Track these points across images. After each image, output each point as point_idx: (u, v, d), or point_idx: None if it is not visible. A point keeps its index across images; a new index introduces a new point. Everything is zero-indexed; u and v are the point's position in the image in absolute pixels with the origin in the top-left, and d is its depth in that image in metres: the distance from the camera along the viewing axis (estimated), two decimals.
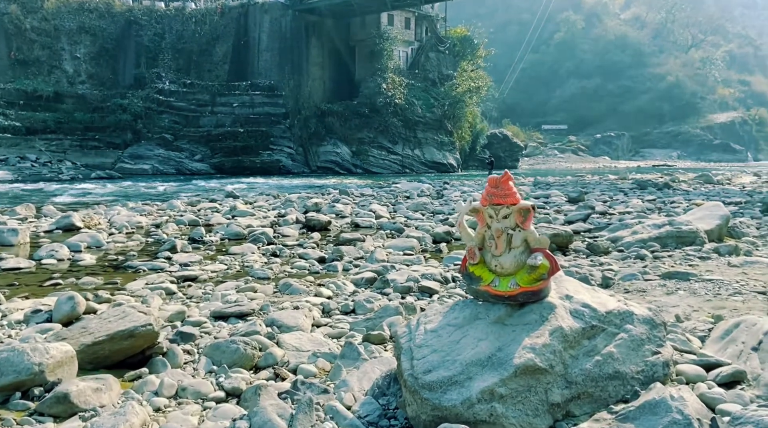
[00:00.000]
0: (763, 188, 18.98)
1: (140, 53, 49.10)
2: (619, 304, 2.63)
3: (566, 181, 26.03)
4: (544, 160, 64.64)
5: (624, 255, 6.97)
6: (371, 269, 5.97)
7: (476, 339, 2.42)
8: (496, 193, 2.51)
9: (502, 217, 2.53)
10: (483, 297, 2.62)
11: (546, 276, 2.49)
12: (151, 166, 42.98)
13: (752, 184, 22.09)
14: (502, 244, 2.54)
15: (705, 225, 7.75)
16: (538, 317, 2.45)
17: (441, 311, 2.70)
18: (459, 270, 2.71)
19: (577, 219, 10.83)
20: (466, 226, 2.68)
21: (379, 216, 11.16)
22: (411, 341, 2.52)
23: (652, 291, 4.86)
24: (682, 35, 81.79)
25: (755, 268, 5.61)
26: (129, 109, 44.97)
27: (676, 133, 70.66)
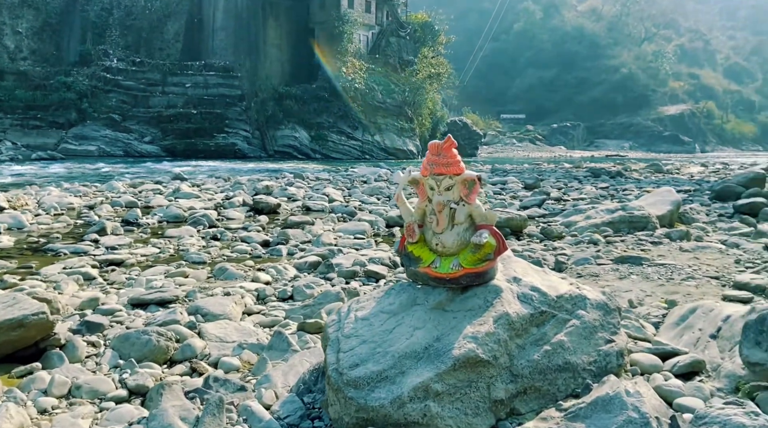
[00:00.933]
0: (711, 178, 19.46)
1: (86, 29, 46.79)
2: (571, 288, 2.37)
3: (523, 169, 26.19)
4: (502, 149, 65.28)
5: (577, 239, 6.83)
6: (317, 253, 5.63)
7: (412, 328, 2.11)
8: (438, 161, 2.20)
9: (445, 189, 2.22)
10: (422, 280, 2.32)
11: (492, 256, 2.21)
12: (98, 148, 41.14)
13: (700, 173, 22.67)
14: (444, 220, 2.23)
15: (657, 210, 7.71)
16: (482, 302, 2.17)
17: (375, 296, 2.38)
18: (397, 250, 2.40)
19: (532, 204, 10.74)
20: (405, 200, 2.37)
21: (333, 199, 10.79)
22: (339, 330, 2.19)
23: (604, 275, 4.69)
24: (636, 28, 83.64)
25: (707, 253, 5.53)
26: (73, 87, 42.80)
27: (628, 124, 72.44)
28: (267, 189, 11.52)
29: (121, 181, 15.49)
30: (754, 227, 7.45)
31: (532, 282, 2.31)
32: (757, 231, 6.94)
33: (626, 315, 3.27)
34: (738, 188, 11.01)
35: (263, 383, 2.52)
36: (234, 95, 44.38)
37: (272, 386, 2.48)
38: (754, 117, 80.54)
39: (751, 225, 7.64)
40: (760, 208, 8.64)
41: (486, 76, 77.11)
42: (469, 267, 2.20)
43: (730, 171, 22.85)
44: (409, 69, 48.16)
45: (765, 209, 8.58)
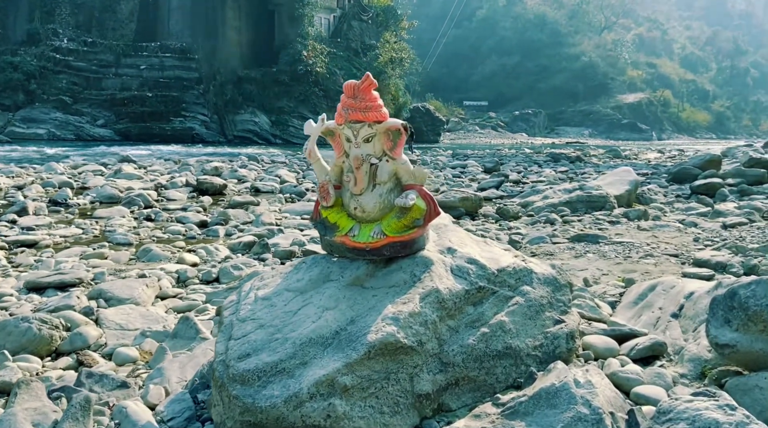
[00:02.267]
0: (667, 163, 19.70)
1: (34, 6, 44.47)
2: (516, 261, 2.03)
3: (484, 154, 26.10)
4: (465, 136, 65.36)
5: (534, 219, 6.58)
6: (254, 233, 5.19)
7: (321, 309, 1.73)
8: (355, 105, 1.81)
9: (363, 141, 1.84)
10: (338, 252, 1.95)
11: (421, 221, 1.84)
12: (47, 131, 39.29)
13: (657, 159, 23.00)
14: (363, 179, 1.85)
15: (615, 190, 7.53)
16: (408, 277, 1.80)
17: (283, 272, 1.99)
18: (311, 217, 2.02)
19: (490, 186, 10.50)
20: (319, 156, 1.98)
21: (284, 181, 10.30)
22: (235, 313, 1.80)
23: (560, 254, 4.41)
24: (596, 17, 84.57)
25: (665, 232, 5.33)
26: (21, 68, 40.68)
27: (588, 112, 73.41)
28: (216, 170, 10.94)
29: (63, 162, 14.61)
30: (711, 207, 7.35)
31: (470, 253, 1.96)
32: (714, 210, 6.82)
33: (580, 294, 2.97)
34: (694, 170, 11.02)
35: (154, 377, 2.11)
36: (191, 78, 42.93)
37: (164, 381, 2.07)
38: (708, 106, 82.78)
39: (708, 206, 7.55)
40: (716, 189, 8.59)
41: (449, 63, 76.89)
42: (393, 236, 1.83)
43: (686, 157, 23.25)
44: (371, 53, 47.49)
45: (721, 190, 8.53)
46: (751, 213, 6.15)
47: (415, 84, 64.37)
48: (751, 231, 5.24)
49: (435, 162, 18.36)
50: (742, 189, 8.64)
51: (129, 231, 5.49)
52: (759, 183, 9.64)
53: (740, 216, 6.00)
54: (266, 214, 5.94)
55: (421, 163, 18.18)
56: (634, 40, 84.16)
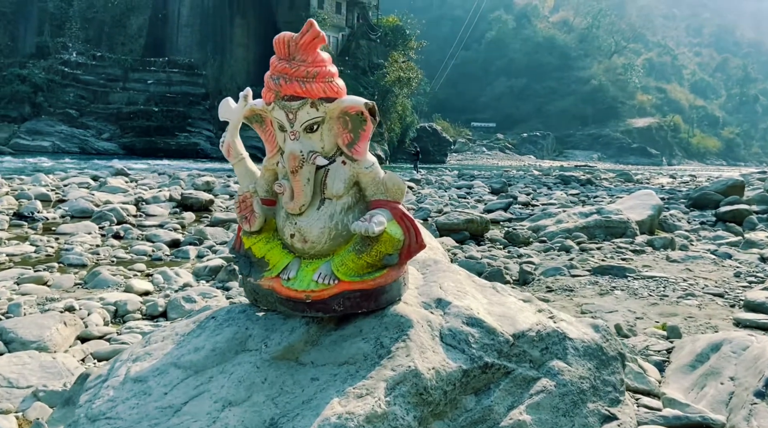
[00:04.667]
0: (681, 188, 18.99)
1: (44, 20, 44.77)
2: (540, 318, 1.35)
3: (491, 175, 25.49)
4: (472, 157, 64.99)
5: (546, 246, 5.88)
6: (227, 255, 4.52)
7: (221, 403, 1.06)
8: (289, 71, 1.17)
9: (304, 130, 1.19)
10: (265, 303, 1.29)
11: (395, 258, 1.19)
12: (52, 144, 39.14)
13: (670, 184, 22.28)
14: (304, 190, 1.20)
15: (636, 215, 6.84)
16: (370, 348, 1.14)
17: (180, 332, 1.32)
18: (231, 247, 1.37)
19: (498, 207, 9.82)
20: (243, 153, 1.34)
21: None
22: (88, 404, 1.12)
23: (581, 290, 3.71)
24: (606, 41, 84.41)
25: (700, 265, 4.63)
26: (29, 80, 40.77)
27: (597, 135, 72.83)
28: (206, 185, 10.33)
29: (55, 174, 14.09)
30: (741, 236, 6.66)
31: (471, 308, 1.28)
32: (746, 240, 6.11)
33: None
34: (716, 196, 10.31)
35: None
36: (198, 94, 42.82)
37: None
38: (718, 132, 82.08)
39: (737, 234, 6.86)
40: (744, 216, 7.87)
41: (457, 84, 76.82)
42: (350, 281, 1.18)
43: (699, 182, 22.54)
44: (379, 72, 47.28)
45: (750, 217, 7.82)
46: None
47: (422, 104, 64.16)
48: None
49: (440, 181, 17.75)
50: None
51: (88, 251, 4.84)
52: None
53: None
54: None
55: (425, 181, 17.51)
56: (643, 64, 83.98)
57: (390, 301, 1.22)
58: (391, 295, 1.22)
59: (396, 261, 1.19)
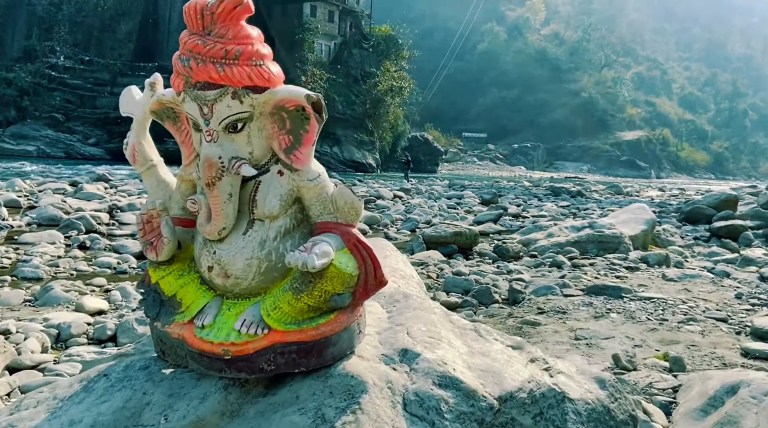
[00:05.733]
0: (671, 201, 18.88)
1: (32, 23, 44.38)
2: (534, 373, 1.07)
3: (482, 185, 25.32)
4: (463, 167, 65.03)
5: (537, 261, 5.63)
6: None
7: None
8: (201, 49, 0.89)
9: (224, 128, 0.92)
10: (174, 357, 1.00)
11: (346, 299, 0.92)
12: (37, 148, 38.59)
13: (659, 197, 22.22)
14: (222, 207, 0.92)
15: (629, 229, 6.61)
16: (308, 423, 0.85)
17: (61, 395, 1.03)
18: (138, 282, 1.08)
19: (487, 219, 9.56)
20: (154, 157, 1.06)
21: None
22: None
23: (574, 312, 3.45)
24: (596, 54, 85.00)
25: (698, 284, 4.38)
26: (15, 84, 40.31)
27: (587, 147, 73.13)
28: None
29: (32, 179, 13.69)
30: (737, 253, 6.45)
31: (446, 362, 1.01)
32: (743, 257, 5.89)
33: None
34: (708, 210, 10.15)
35: None
36: None
37: None
38: (707, 146, 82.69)
39: (733, 251, 6.65)
40: (739, 232, 7.67)
41: (449, 94, 76.94)
42: (284, 330, 0.89)
43: (688, 196, 22.49)
44: (371, 81, 47.16)
45: (745, 233, 7.62)
46: None
47: (414, 113, 64.12)
48: None
49: (430, 191, 17.51)
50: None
51: (47, 263, 4.51)
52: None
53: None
54: None
55: (415, 191, 17.24)
56: (633, 78, 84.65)
57: (338, 356, 0.94)
58: (340, 348, 0.94)
59: (347, 302, 0.92)
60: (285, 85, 0.96)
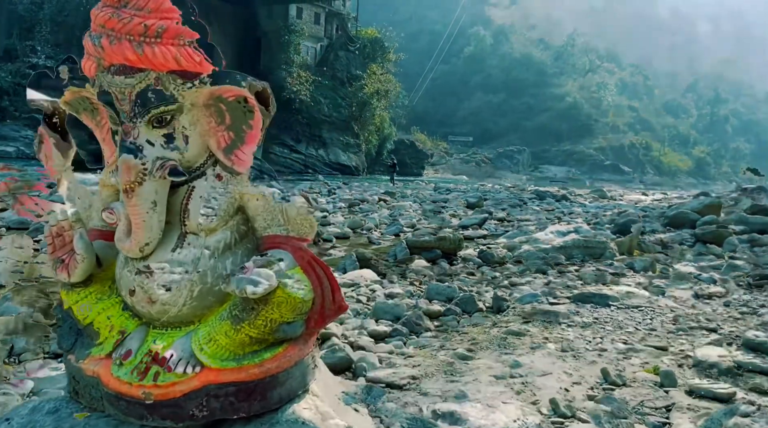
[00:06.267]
0: (655, 205, 18.98)
1: (13, 22, 43.63)
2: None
3: (468, 189, 25.30)
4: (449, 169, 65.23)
5: (522, 267, 5.52)
6: None
7: None
8: (115, 24, 0.74)
9: (148, 122, 0.77)
10: (88, 398, 0.83)
11: (298, 328, 0.77)
12: (16, 149, 37.83)
13: (642, 201, 22.34)
14: (143, 218, 0.77)
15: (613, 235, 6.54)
16: None
17: None
18: (54, 305, 0.92)
19: (473, 223, 9.49)
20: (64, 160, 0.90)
21: None
22: None
23: (561, 320, 3.33)
24: (580, 59, 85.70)
25: (685, 292, 4.30)
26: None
27: (571, 151, 73.66)
28: None
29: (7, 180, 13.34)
30: (722, 258, 6.40)
31: None
32: (729, 263, 5.83)
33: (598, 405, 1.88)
34: (693, 215, 10.13)
35: None
36: None
37: None
38: (689, 151, 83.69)
39: (718, 256, 6.59)
40: (724, 237, 7.64)
41: (435, 98, 77.09)
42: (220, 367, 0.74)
43: (671, 200, 22.64)
44: (357, 84, 47.05)
45: (730, 238, 7.59)
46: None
47: (401, 116, 64.12)
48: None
49: (416, 195, 17.41)
50: (752, 238, 7.71)
51: (12, 268, 4.30)
52: (762, 231, 8.77)
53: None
54: None
55: (401, 194, 17.12)
56: (617, 83, 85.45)
57: (287, 397, 0.78)
58: (290, 388, 0.78)
59: (299, 332, 0.77)
60: (224, 73, 0.81)
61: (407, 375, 2.65)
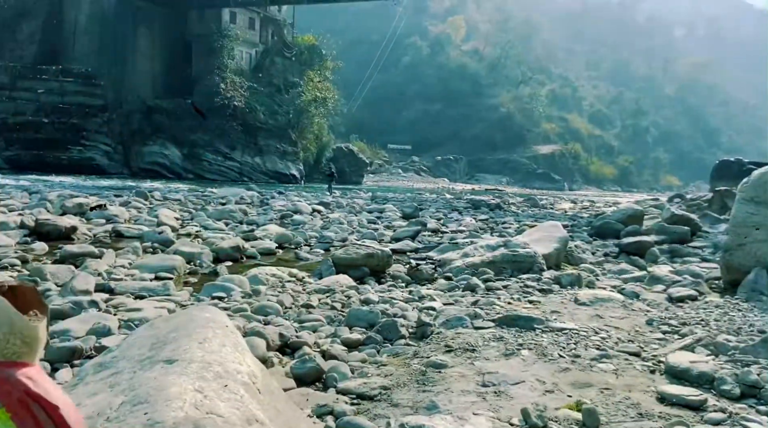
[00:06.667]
0: (582, 213, 19.59)
1: None
2: None
3: (405, 198, 25.31)
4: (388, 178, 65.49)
5: (451, 284, 5.39)
6: (56, 305, 3.59)
7: None
8: None
9: None
10: None
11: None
12: None
13: (572, 209, 23.06)
14: None
15: (543, 248, 6.54)
16: None
17: None
18: None
19: (405, 236, 9.33)
20: None
21: (161, 223, 8.62)
22: None
23: (484, 349, 3.16)
24: (513, 71, 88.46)
25: (609, 309, 4.26)
26: None
27: (506, 160, 75.84)
28: (80, 207, 9.09)
29: None
30: (645, 270, 6.52)
31: None
32: (651, 275, 5.93)
33: None
34: (617, 225, 10.44)
35: None
36: (95, 105, 39.84)
37: None
38: (614, 160, 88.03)
39: (641, 268, 6.73)
40: (646, 248, 7.84)
41: (374, 106, 77.40)
42: None
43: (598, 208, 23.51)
44: (294, 91, 46.46)
45: (652, 249, 7.80)
46: (697, 283, 5.26)
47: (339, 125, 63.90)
48: (709, 310, 4.28)
49: (351, 205, 17.15)
50: (673, 249, 7.96)
51: None
52: (682, 241, 9.11)
53: (686, 287, 5.09)
54: (81, 279, 4.28)
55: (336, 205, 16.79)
56: (548, 94, 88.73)
57: None
58: None
59: None
60: None
61: (378, 386, 2.62)
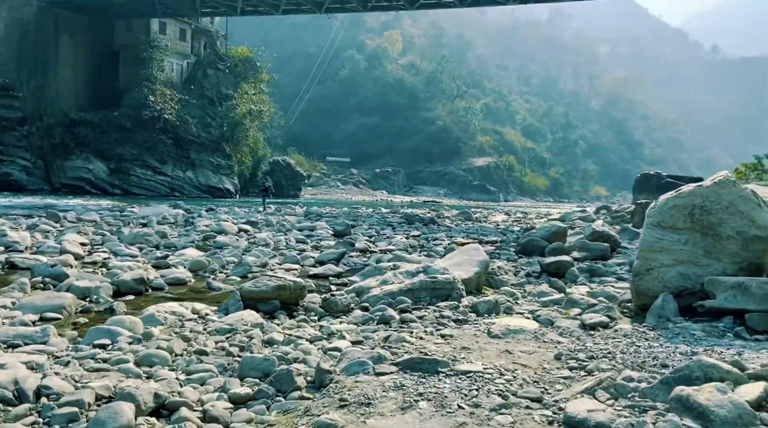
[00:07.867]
0: (514, 226, 19.99)
1: None
2: None
3: (340, 213, 25.04)
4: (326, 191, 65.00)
5: (366, 316, 5.19)
6: None
7: None
8: None
9: None
10: None
11: None
12: None
13: (504, 222, 23.51)
14: None
15: (463, 272, 6.46)
16: None
17: None
18: None
19: (330, 259, 9.09)
20: None
21: (65, 251, 7.99)
22: None
23: (380, 401, 2.96)
24: (449, 85, 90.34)
25: (521, 342, 4.17)
26: None
27: (443, 172, 77.05)
28: None
29: None
30: (563, 292, 6.55)
31: None
32: (568, 298, 5.95)
33: None
34: (542, 242, 10.61)
35: None
36: (12, 118, 37.51)
37: None
38: (546, 172, 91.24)
39: (560, 290, 6.75)
40: (566, 268, 7.94)
41: (312, 119, 76.92)
42: None
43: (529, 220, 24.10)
44: (228, 103, 45.40)
45: (571, 269, 7.90)
46: (610, 308, 5.29)
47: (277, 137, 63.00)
48: (617, 340, 4.26)
49: (282, 223, 16.70)
50: (591, 268, 8.09)
51: None
52: (603, 258, 9.34)
53: (599, 313, 5.10)
54: None
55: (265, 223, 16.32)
56: (482, 108, 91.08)
57: None
58: None
59: None
60: None
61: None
